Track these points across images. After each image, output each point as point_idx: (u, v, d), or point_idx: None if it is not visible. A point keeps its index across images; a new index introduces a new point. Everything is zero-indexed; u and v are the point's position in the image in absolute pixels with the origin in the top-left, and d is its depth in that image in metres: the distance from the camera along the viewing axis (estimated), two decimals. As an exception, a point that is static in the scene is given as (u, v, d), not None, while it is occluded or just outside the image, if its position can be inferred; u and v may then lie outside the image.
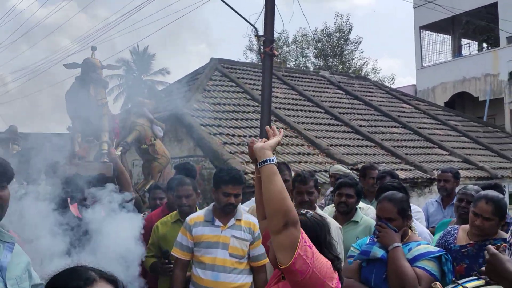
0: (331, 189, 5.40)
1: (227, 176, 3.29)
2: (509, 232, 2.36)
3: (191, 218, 3.42)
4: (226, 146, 8.75)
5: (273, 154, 2.04)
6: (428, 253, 2.67)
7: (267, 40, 7.82)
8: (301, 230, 1.92)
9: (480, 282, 2.26)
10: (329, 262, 2.00)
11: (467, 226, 3.05)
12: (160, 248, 3.77)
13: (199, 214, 3.46)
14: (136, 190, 5.44)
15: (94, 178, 3.50)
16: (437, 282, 2.48)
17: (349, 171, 5.82)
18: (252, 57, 28.51)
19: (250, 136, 9.43)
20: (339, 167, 6.09)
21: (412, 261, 2.64)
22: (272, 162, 1.98)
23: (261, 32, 7.94)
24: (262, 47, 7.94)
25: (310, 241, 1.95)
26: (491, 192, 3.00)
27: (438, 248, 2.77)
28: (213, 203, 3.46)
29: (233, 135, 9.39)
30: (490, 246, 1.85)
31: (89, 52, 4.06)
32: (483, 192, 3.04)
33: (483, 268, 1.86)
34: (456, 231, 3.11)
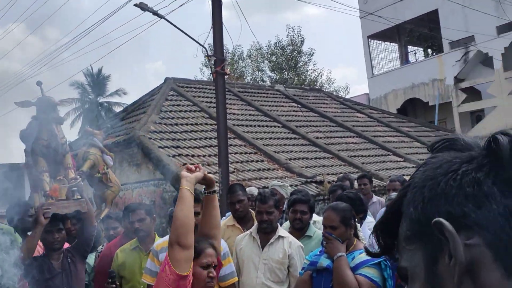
0: None
1: None
2: None
3: (157, 244, 3.44)
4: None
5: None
6: (368, 260, 2.84)
7: (218, 60, 7.89)
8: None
9: None
10: None
11: None
12: (120, 276, 3.80)
13: (165, 239, 3.47)
14: None
15: (72, 215, 3.63)
16: None
17: (284, 184, 5.95)
18: (209, 73, 28.60)
19: (210, 156, 9.48)
20: (274, 182, 6.25)
21: (355, 268, 2.83)
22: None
23: (211, 51, 8.03)
24: (213, 67, 8.02)
25: None
26: None
27: None
28: None
29: (193, 156, 9.41)
30: None
31: (40, 78, 4.01)
32: None
33: None
34: None
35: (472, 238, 0.57)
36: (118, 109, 27.02)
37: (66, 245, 3.78)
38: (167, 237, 3.56)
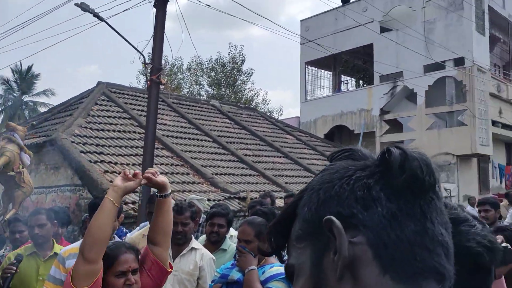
0: None
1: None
2: None
3: (65, 250, 3.30)
4: (107, 174, 8.53)
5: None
6: (278, 274, 2.92)
7: (155, 68, 7.85)
8: None
9: None
10: None
11: None
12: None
13: (74, 246, 3.34)
14: None
15: None
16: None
17: (202, 198, 6.02)
18: (145, 81, 28.04)
19: (133, 164, 9.31)
20: (192, 196, 6.31)
21: (264, 282, 2.89)
22: None
23: (150, 59, 7.97)
24: (149, 75, 7.95)
25: None
26: None
27: None
28: None
29: (116, 163, 9.19)
30: None
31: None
32: None
33: None
34: None
35: (356, 236, 0.60)
36: (43, 110, 25.81)
37: None
38: (75, 244, 3.45)
